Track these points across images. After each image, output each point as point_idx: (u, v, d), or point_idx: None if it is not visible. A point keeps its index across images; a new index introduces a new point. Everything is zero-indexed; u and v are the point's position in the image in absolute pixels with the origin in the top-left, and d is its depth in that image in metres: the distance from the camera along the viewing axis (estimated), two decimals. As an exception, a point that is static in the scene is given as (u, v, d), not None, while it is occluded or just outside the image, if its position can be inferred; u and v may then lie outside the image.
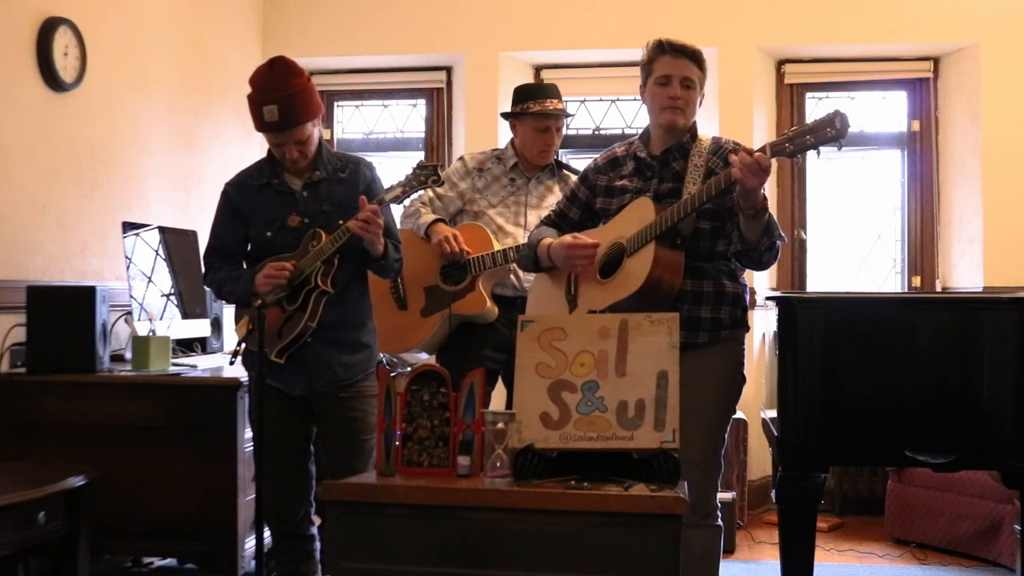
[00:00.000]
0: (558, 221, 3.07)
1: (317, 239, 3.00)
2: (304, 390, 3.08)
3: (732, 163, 2.55)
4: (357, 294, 3.15)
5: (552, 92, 3.68)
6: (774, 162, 2.56)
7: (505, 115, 3.74)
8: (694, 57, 2.81)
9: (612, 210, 2.89)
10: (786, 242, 2.75)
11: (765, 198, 2.61)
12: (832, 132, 2.45)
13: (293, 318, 3.01)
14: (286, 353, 3.03)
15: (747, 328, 2.89)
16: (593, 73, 5.48)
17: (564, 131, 3.73)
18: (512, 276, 3.61)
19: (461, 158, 3.81)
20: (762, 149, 2.54)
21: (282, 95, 2.93)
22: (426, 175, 2.97)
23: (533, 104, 3.61)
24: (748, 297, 2.90)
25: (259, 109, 2.95)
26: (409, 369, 2.42)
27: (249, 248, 3.17)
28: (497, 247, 3.56)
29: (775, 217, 2.72)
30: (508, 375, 3.58)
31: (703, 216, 2.75)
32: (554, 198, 3.63)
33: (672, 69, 2.80)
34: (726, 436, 2.87)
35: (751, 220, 2.61)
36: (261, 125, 2.99)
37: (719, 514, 2.84)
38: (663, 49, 2.81)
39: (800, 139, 2.50)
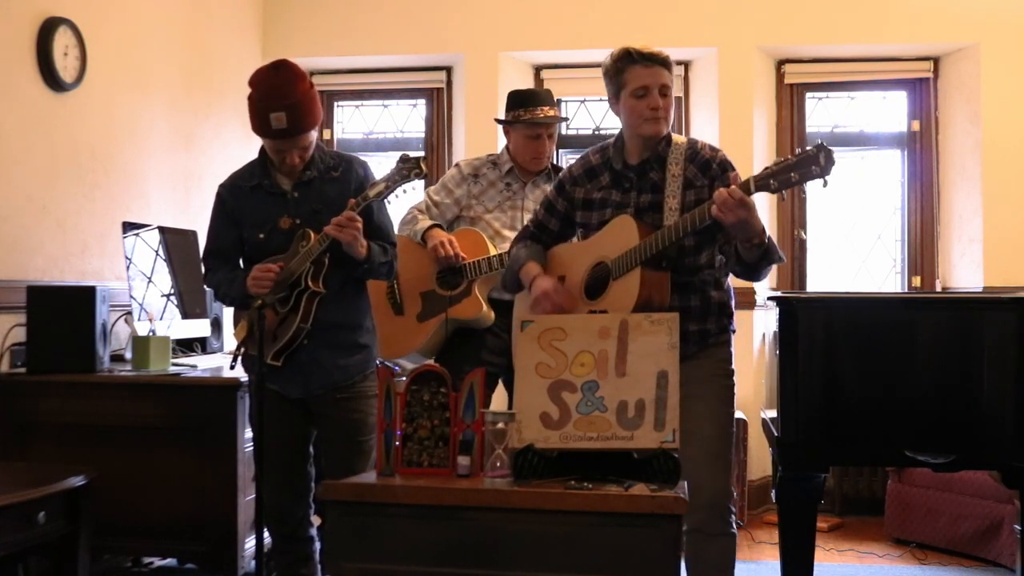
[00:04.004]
0: (538, 233, 3.02)
1: (306, 239, 2.97)
2: (301, 392, 3.06)
3: (714, 198, 2.52)
4: (353, 295, 3.13)
5: (544, 99, 3.65)
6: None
7: (499, 121, 3.74)
8: (665, 63, 2.74)
9: (593, 224, 2.86)
10: (784, 262, 2.72)
11: (763, 230, 2.57)
12: (817, 170, 2.43)
13: (286, 320, 3.00)
14: (282, 356, 3.01)
15: (734, 331, 2.88)
16: (593, 73, 5.38)
17: (558, 135, 3.70)
18: None
19: (457, 165, 3.80)
20: (745, 184, 2.52)
21: (290, 102, 2.87)
22: (409, 168, 2.92)
23: (524, 112, 3.59)
24: (733, 301, 2.89)
25: (265, 115, 2.88)
26: (403, 379, 2.42)
27: (245, 249, 3.15)
28: (493, 252, 3.55)
29: (776, 217, 2.71)
30: (508, 379, 3.57)
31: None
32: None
33: (649, 79, 2.73)
34: (732, 433, 2.84)
35: (749, 249, 2.60)
36: (266, 131, 2.92)
37: (734, 520, 2.79)
38: (632, 59, 2.73)
39: (784, 175, 2.47)
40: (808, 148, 2.46)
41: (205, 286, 3.31)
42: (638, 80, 2.74)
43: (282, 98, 2.88)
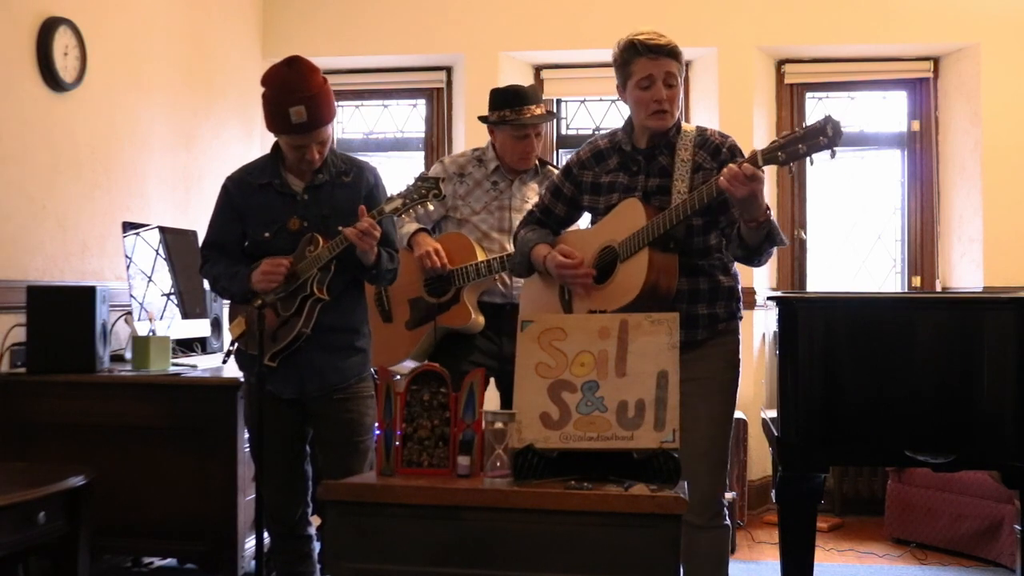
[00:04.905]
0: (543, 218, 3.02)
1: (314, 244, 2.96)
2: (295, 393, 3.06)
3: (723, 172, 2.52)
4: (352, 299, 3.13)
5: (531, 98, 3.56)
6: (769, 169, 2.54)
7: (483, 119, 3.64)
8: (672, 53, 2.74)
9: (600, 208, 2.86)
10: (787, 245, 2.69)
11: (768, 208, 2.57)
12: (824, 140, 2.42)
13: (288, 323, 3.00)
14: (279, 358, 3.01)
15: (741, 317, 2.89)
16: (593, 73, 5.49)
17: (557, 135, 3.65)
18: (499, 284, 3.55)
19: (440, 161, 3.74)
20: (753, 157, 2.51)
21: (307, 95, 2.88)
22: (427, 188, 2.92)
23: (510, 113, 3.51)
24: (740, 287, 2.89)
25: (284, 110, 2.88)
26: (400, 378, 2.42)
27: (246, 245, 3.13)
28: (481, 256, 3.50)
29: (776, 217, 2.70)
30: (500, 382, 3.55)
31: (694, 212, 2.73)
32: (537, 199, 3.62)
33: (653, 69, 2.73)
34: (731, 430, 2.86)
35: (754, 230, 2.59)
36: (286, 127, 2.91)
37: (727, 513, 2.82)
38: (638, 50, 2.74)
39: (792, 147, 2.46)
40: (816, 121, 2.45)
41: (201, 276, 3.27)
42: (643, 70, 2.74)
43: (300, 91, 2.88)
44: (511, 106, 3.53)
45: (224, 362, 3.05)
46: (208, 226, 3.18)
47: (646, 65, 2.73)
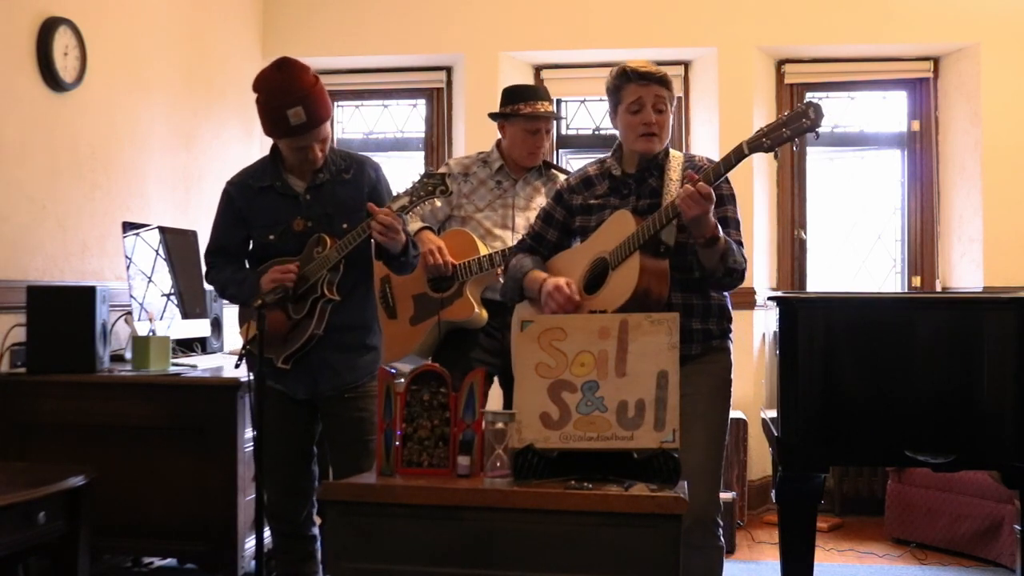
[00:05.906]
0: (535, 244, 3.02)
1: (322, 246, 2.96)
2: (308, 394, 3.06)
3: (680, 193, 2.57)
4: (362, 297, 3.13)
5: (543, 94, 3.67)
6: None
7: (494, 116, 3.70)
8: (662, 81, 2.78)
9: (592, 227, 2.87)
10: (744, 267, 2.73)
11: (716, 226, 2.61)
12: (807, 122, 2.49)
13: (300, 326, 3.00)
14: (292, 360, 3.02)
15: (732, 339, 2.89)
16: (593, 73, 5.48)
17: (556, 135, 3.69)
18: (501, 279, 3.56)
19: (446, 163, 3.79)
20: (739, 147, 2.56)
21: (302, 95, 2.87)
22: (434, 184, 2.92)
23: (524, 106, 3.58)
24: (730, 307, 2.90)
25: (282, 113, 2.87)
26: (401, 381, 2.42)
27: (251, 248, 3.14)
28: (484, 252, 3.53)
29: (776, 217, 2.70)
30: (503, 379, 3.58)
31: (687, 229, 2.73)
32: (541, 199, 3.62)
33: (643, 93, 2.77)
34: (724, 448, 2.86)
35: (704, 248, 2.63)
36: (286, 129, 2.91)
37: (721, 532, 2.80)
38: (628, 76, 2.78)
39: (776, 132, 2.52)
40: (798, 106, 2.52)
41: (206, 283, 3.28)
42: (633, 95, 2.79)
43: (294, 93, 2.87)
44: (525, 100, 3.61)
45: (237, 366, 3.06)
46: (211, 232, 3.19)
47: (636, 90, 2.78)
